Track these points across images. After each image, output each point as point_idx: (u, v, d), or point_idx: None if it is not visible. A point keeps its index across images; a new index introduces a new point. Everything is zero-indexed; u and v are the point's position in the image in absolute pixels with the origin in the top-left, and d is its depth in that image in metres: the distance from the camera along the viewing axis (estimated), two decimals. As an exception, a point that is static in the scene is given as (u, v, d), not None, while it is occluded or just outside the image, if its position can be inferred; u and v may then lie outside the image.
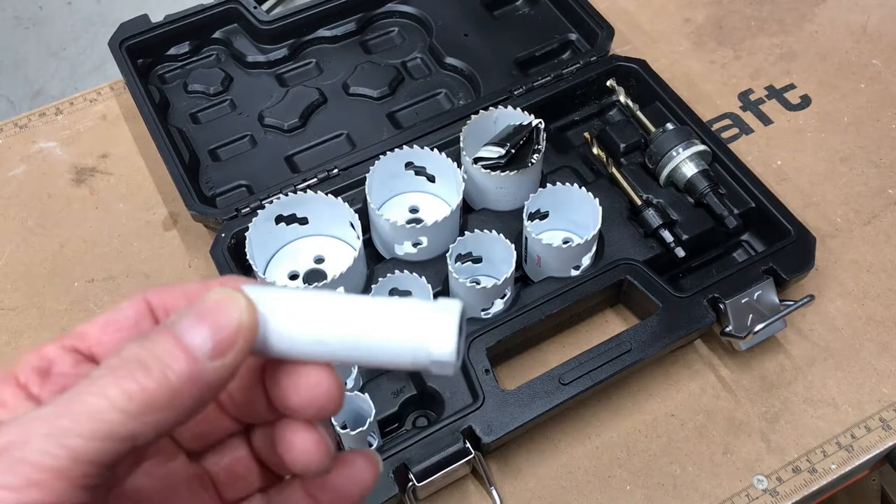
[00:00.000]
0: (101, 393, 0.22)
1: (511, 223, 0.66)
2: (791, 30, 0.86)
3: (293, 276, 0.67)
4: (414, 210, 0.71)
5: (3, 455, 0.21)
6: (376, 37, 0.85)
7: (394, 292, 0.63)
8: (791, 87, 0.81)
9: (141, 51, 0.80)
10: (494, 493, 0.58)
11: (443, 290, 0.64)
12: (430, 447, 0.56)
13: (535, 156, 0.66)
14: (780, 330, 0.64)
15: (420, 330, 0.26)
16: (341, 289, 0.62)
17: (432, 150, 0.67)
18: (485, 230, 0.63)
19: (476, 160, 0.67)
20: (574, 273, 0.65)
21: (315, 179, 0.69)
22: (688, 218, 0.67)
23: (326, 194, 0.65)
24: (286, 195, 0.65)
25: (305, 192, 0.66)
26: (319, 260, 0.68)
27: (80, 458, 0.21)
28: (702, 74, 0.82)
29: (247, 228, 0.63)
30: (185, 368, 0.23)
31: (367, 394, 0.56)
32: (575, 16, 0.82)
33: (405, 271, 0.62)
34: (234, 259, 0.65)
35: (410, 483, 0.55)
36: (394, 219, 0.64)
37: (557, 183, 0.65)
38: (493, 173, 0.65)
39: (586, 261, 0.65)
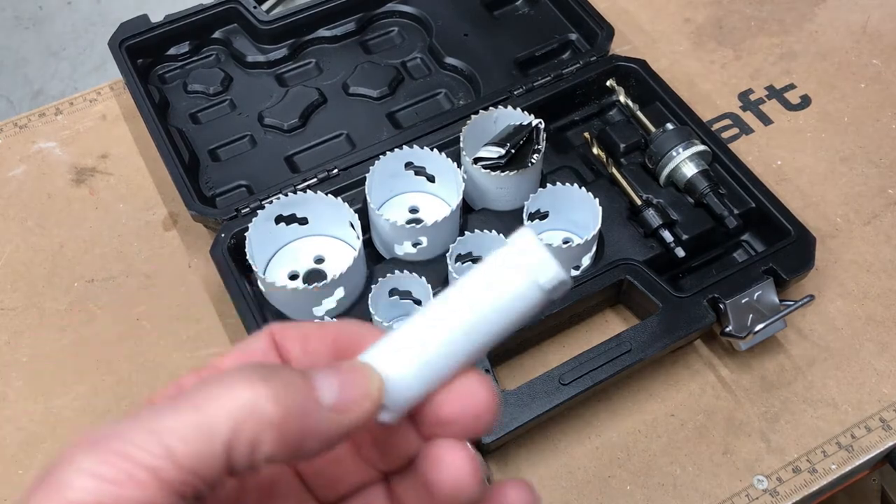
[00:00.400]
0: (215, 397, 0.22)
1: (511, 223, 0.66)
2: (791, 30, 0.86)
3: (293, 276, 0.67)
4: (414, 210, 0.71)
5: (101, 445, 0.21)
6: (376, 37, 0.85)
7: (394, 292, 0.63)
8: (791, 87, 0.81)
9: (141, 51, 0.80)
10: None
11: (443, 290, 0.64)
12: (429, 447, 0.55)
13: (535, 156, 0.66)
14: (780, 330, 0.64)
15: (517, 277, 0.24)
16: (340, 290, 0.62)
17: (432, 150, 0.67)
18: (485, 230, 0.63)
19: (476, 160, 0.67)
20: (574, 273, 0.65)
21: (315, 179, 0.69)
22: (688, 218, 0.67)
23: (326, 194, 0.65)
24: (286, 195, 0.65)
25: (305, 192, 0.66)
26: (319, 260, 0.68)
27: (179, 462, 0.21)
28: (702, 74, 0.82)
29: (247, 228, 0.63)
30: (301, 402, 0.22)
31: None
32: (575, 16, 0.82)
33: (405, 271, 0.62)
34: (233, 259, 0.65)
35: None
36: (394, 219, 0.64)
37: (557, 183, 0.65)
38: (493, 173, 0.65)
39: (586, 261, 0.65)
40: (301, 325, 0.26)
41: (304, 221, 0.67)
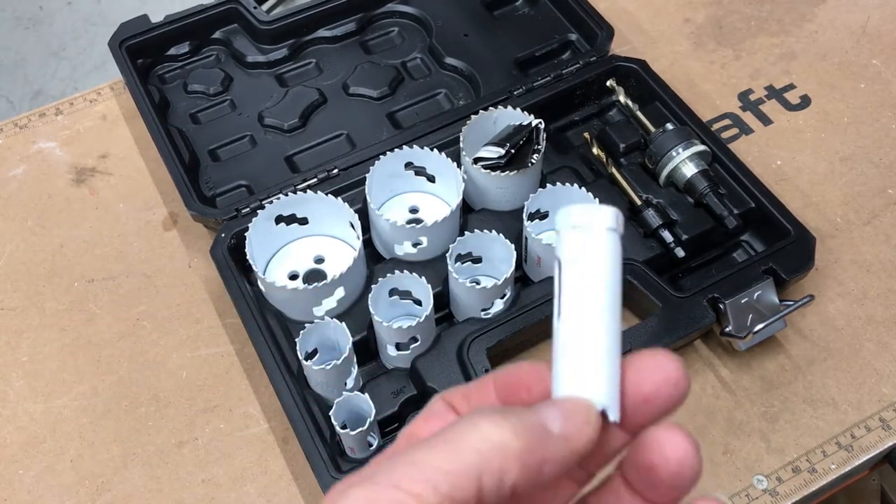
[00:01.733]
0: (464, 435, 0.25)
1: (511, 223, 0.66)
2: (791, 30, 0.86)
3: (293, 277, 0.67)
4: (414, 210, 0.71)
5: (372, 479, 0.24)
6: (376, 37, 0.85)
7: (394, 292, 0.63)
8: (791, 87, 0.81)
9: (141, 51, 0.80)
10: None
11: (443, 290, 0.64)
12: (429, 447, 0.55)
13: (534, 156, 0.66)
14: (780, 330, 0.64)
15: (599, 239, 0.27)
16: (340, 290, 0.62)
17: (432, 150, 0.67)
18: (485, 230, 0.63)
19: (476, 160, 0.67)
20: (574, 273, 0.65)
21: (315, 179, 0.69)
22: (688, 218, 0.67)
23: (326, 194, 0.65)
24: (286, 195, 0.65)
25: (305, 192, 0.66)
26: (319, 260, 0.68)
27: (439, 489, 0.24)
28: (702, 74, 0.82)
29: (247, 228, 0.63)
30: (536, 434, 0.25)
31: (366, 394, 0.56)
32: (575, 16, 0.82)
33: (405, 271, 0.62)
34: (234, 259, 0.65)
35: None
36: (394, 219, 0.64)
37: (557, 183, 0.65)
38: (493, 173, 0.65)
39: (586, 261, 0.65)
40: (460, 387, 0.30)
41: (304, 221, 0.67)
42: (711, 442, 0.61)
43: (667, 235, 0.66)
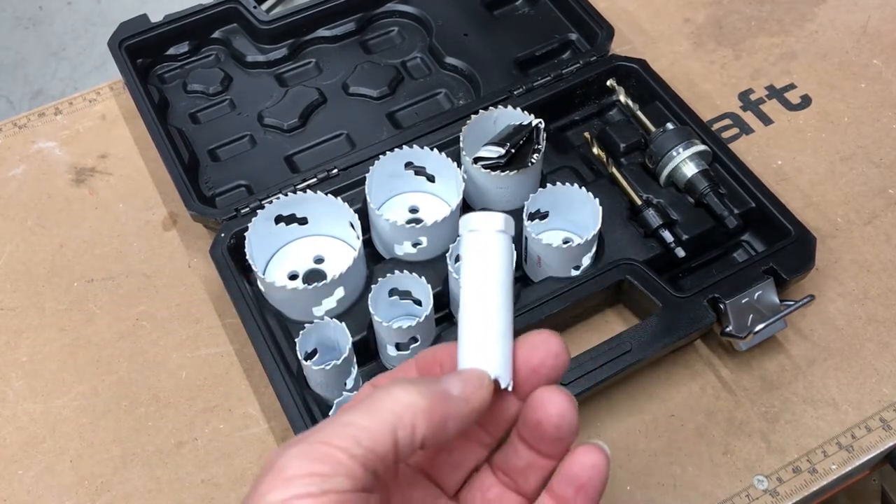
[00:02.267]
0: (379, 399, 0.30)
1: (511, 223, 0.66)
2: (791, 29, 0.86)
3: (293, 276, 0.67)
4: (414, 210, 0.71)
5: (306, 439, 0.29)
6: (376, 37, 0.85)
7: (394, 292, 0.63)
8: (791, 86, 0.81)
9: (140, 51, 0.80)
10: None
11: (443, 290, 0.64)
12: (429, 447, 0.55)
13: (535, 156, 0.66)
14: (781, 330, 0.64)
15: (488, 240, 0.33)
16: (340, 290, 0.62)
17: (432, 150, 0.67)
18: (485, 230, 0.63)
19: (476, 160, 0.66)
20: (574, 273, 0.65)
21: (315, 179, 0.69)
22: (688, 218, 0.67)
23: (326, 194, 0.65)
24: (286, 195, 0.65)
25: (305, 192, 0.66)
26: (319, 260, 0.68)
27: (363, 443, 0.29)
28: (702, 74, 0.82)
29: (246, 228, 0.63)
30: (439, 395, 0.31)
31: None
32: (575, 16, 0.82)
33: (405, 271, 0.62)
34: (233, 259, 0.65)
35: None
36: (393, 219, 0.64)
37: (557, 183, 0.65)
38: (493, 173, 0.65)
39: (586, 261, 0.65)
40: (387, 373, 0.36)
41: (303, 221, 0.67)
42: (711, 442, 0.60)
43: (667, 235, 0.66)
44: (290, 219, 0.67)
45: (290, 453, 0.29)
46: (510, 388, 0.32)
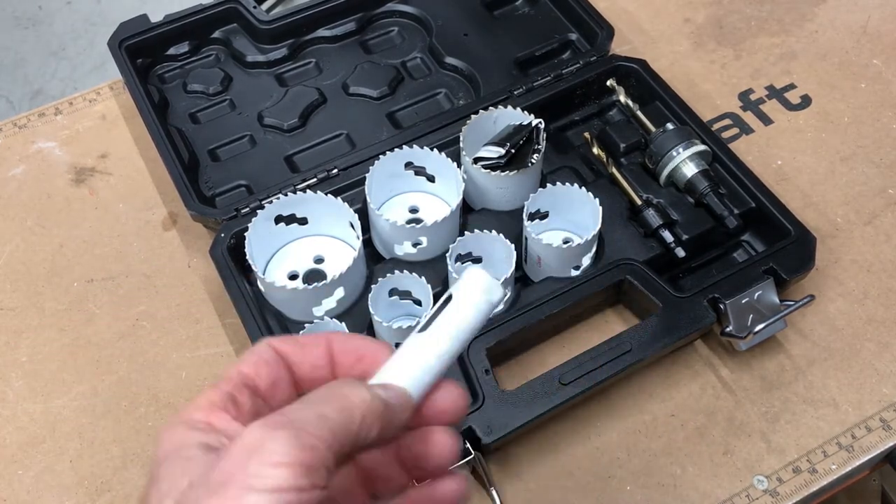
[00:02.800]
0: (345, 394, 0.31)
1: (511, 223, 0.66)
2: (791, 29, 0.86)
3: (293, 277, 0.67)
4: (414, 210, 0.71)
5: (287, 429, 0.29)
6: (376, 37, 0.85)
7: (393, 292, 0.63)
8: (791, 86, 0.81)
9: (140, 51, 0.79)
10: (494, 493, 0.58)
11: (443, 290, 0.64)
12: (429, 447, 0.55)
13: (535, 156, 0.66)
14: (781, 330, 0.64)
15: (475, 305, 0.35)
16: (340, 290, 0.62)
17: (432, 150, 0.67)
18: (485, 230, 0.63)
19: (476, 160, 0.66)
20: (574, 273, 0.65)
21: (315, 179, 0.69)
22: (688, 218, 0.67)
23: (326, 194, 0.65)
24: (286, 195, 0.65)
25: (305, 192, 0.66)
26: (319, 260, 0.68)
27: (333, 430, 0.30)
28: (702, 74, 0.82)
29: (246, 228, 0.63)
30: (386, 403, 0.32)
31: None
32: (575, 16, 0.82)
33: (405, 271, 0.62)
34: (233, 259, 0.65)
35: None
36: (393, 219, 0.64)
37: (557, 183, 0.65)
38: (493, 173, 0.65)
39: (586, 261, 0.65)
40: (290, 336, 0.36)
41: (303, 221, 0.67)
42: (712, 442, 0.60)
43: (667, 235, 0.66)
44: (291, 219, 0.67)
45: (277, 436, 0.28)
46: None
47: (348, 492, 0.36)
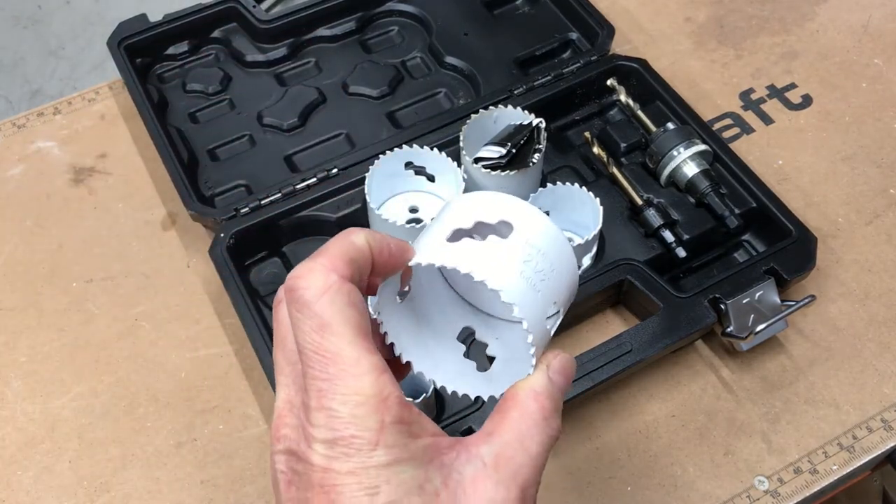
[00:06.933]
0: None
1: (511, 223, 0.66)
2: (792, 29, 0.86)
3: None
4: (414, 210, 0.71)
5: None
6: (376, 36, 0.84)
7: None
8: (792, 86, 0.81)
9: (139, 50, 0.79)
10: None
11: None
12: (429, 448, 0.55)
13: (535, 155, 0.66)
14: (782, 330, 0.64)
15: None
16: None
17: (432, 149, 0.67)
18: (485, 230, 0.63)
19: (476, 160, 0.66)
20: (574, 273, 0.65)
21: (314, 179, 0.69)
22: (689, 218, 0.67)
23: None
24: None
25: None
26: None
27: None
28: (703, 74, 0.82)
29: (246, 229, 0.63)
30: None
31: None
32: (575, 15, 0.81)
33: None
34: (233, 259, 0.64)
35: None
36: (393, 218, 0.63)
37: (558, 182, 0.65)
38: (493, 173, 0.65)
39: (587, 261, 0.65)
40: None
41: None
42: (713, 443, 0.60)
43: (668, 235, 0.66)
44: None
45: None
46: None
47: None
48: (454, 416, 0.57)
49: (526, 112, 0.68)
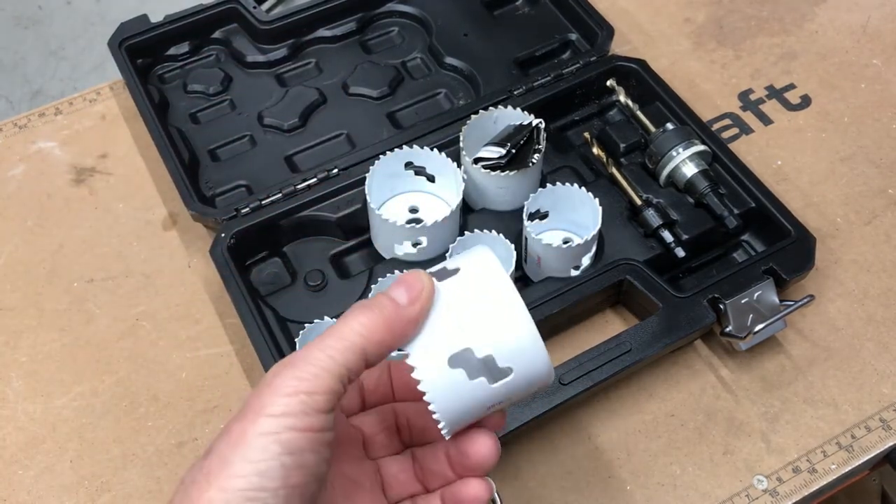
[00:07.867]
0: (347, 324, 0.37)
1: (511, 223, 0.66)
2: (791, 29, 0.86)
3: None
4: (414, 210, 0.71)
5: (292, 362, 0.36)
6: (376, 37, 0.85)
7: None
8: (791, 86, 0.81)
9: (140, 51, 0.79)
10: (494, 493, 0.58)
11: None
12: (429, 447, 0.55)
13: (535, 156, 0.66)
14: (781, 330, 0.64)
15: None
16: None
17: (432, 150, 0.67)
18: (485, 230, 0.63)
19: (476, 160, 0.66)
20: (574, 273, 0.65)
21: (315, 179, 0.69)
22: (688, 218, 0.67)
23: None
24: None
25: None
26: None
27: (336, 359, 0.36)
28: (702, 74, 0.82)
29: (247, 229, 0.63)
30: (391, 308, 0.37)
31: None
32: (575, 15, 0.82)
33: (405, 271, 0.62)
34: (233, 259, 0.65)
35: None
36: (393, 219, 0.64)
37: (557, 183, 0.65)
38: (493, 173, 0.65)
39: (586, 261, 0.65)
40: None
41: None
42: (712, 442, 0.61)
43: (667, 235, 0.66)
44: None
45: (284, 375, 0.36)
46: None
47: (403, 482, 0.43)
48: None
49: (526, 112, 0.69)
